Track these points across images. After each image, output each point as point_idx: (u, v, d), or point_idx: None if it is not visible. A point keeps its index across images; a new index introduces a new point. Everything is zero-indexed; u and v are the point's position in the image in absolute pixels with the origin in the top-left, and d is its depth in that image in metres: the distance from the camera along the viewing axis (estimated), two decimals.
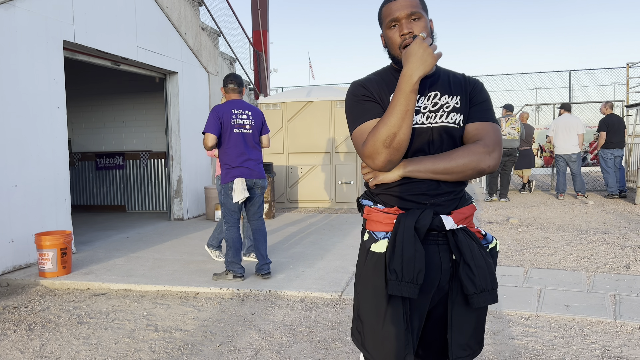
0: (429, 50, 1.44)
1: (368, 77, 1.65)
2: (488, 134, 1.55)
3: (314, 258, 5.35)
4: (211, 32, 9.18)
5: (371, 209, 1.60)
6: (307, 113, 9.21)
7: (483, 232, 1.63)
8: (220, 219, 4.95)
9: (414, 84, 1.43)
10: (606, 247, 5.57)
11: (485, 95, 1.64)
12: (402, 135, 1.45)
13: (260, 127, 4.56)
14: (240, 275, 4.50)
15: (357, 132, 1.56)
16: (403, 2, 1.55)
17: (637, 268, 4.71)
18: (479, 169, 1.51)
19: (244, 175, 4.37)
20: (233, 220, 4.46)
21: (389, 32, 1.59)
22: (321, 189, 9.27)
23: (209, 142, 4.25)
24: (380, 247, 1.56)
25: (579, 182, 9.68)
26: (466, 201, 1.61)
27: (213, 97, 9.14)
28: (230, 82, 4.50)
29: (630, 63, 11.74)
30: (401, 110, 1.44)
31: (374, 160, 1.49)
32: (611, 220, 7.34)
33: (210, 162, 9.09)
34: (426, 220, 1.49)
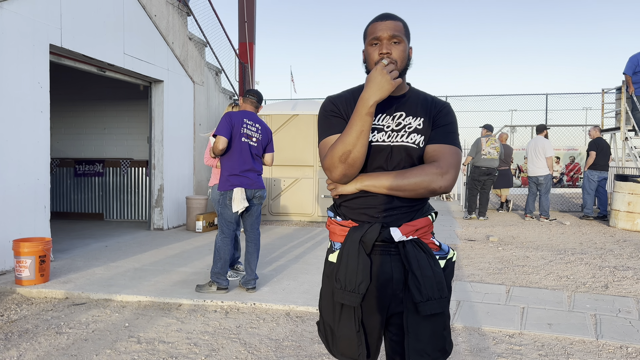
0: (387, 77, 1.56)
1: (341, 93, 1.77)
2: (444, 156, 1.65)
3: (299, 271, 5.33)
4: (198, 42, 9.17)
5: (332, 220, 1.75)
6: (292, 126, 9.23)
7: (438, 243, 1.72)
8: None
9: (369, 107, 1.56)
10: (584, 267, 5.69)
11: (450, 118, 1.73)
12: (356, 153, 1.57)
13: (266, 144, 4.56)
14: (224, 287, 4.44)
15: (321, 145, 1.70)
16: (389, 24, 1.67)
17: (614, 288, 4.81)
18: (431, 188, 1.60)
19: (244, 185, 4.34)
20: (229, 231, 4.42)
21: (370, 49, 1.69)
22: (304, 202, 9.27)
23: (221, 144, 4.23)
24: (334, 258, 1.71)
25: (544, 204, 9.85)
26: (423, 214, 1.69)
27: (198, 106, 9.10)
28: (252, 94, 4.55)
29: (605, 89, 12.09)
30: (357, 130, 1.56)
31: (331, 173, 1.62)
32: (587, 241, 7.49)
33: (193, 173, 9.02)
34: (373, 234, 1.60)
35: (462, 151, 1.81)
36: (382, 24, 1.67)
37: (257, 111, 4.57)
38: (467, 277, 5.21)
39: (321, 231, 8.18)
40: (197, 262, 5.72)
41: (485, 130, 10.04)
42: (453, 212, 11.28)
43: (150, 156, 8.17)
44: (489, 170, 9.77)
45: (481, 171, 9.76)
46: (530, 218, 9.93)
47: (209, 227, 8.08)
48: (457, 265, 5.72)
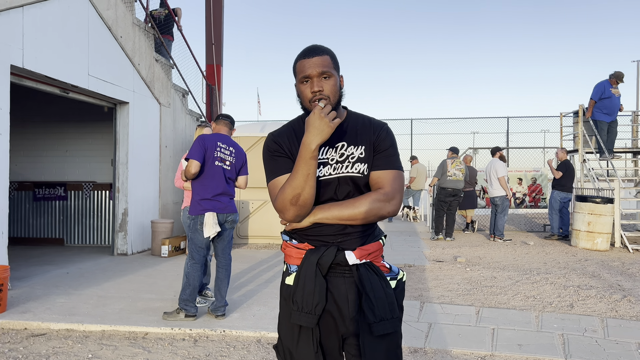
0: (325, 120, 1.61)
1: (281, 130, 1.82)
2: (389, 183, 1.73)
3: (269, 296, 5.24)
4: (165, 64, 9.08)
5: (287, 243, 1.78)
6: (261, 148, 9.19)
7: (388, 266, 1.79)
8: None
9: (312, 152, 1.62)
10: (550, 287, 5.80)
11: (389, 142, 1.79)
12: (305, 195, 1.63)
13: (240, 168, 4.50)
14: (193, 315, 4.32)
15: (270, 186, 1.75)
16: (316, 60, 1.71)
17: (580, 308, 4.92)
18: (380, 215, 1.69)
19: (216, 209, 4.26)
20: (199, 257, 4.32)
21: (302, 87, 1.74)
22: (273, 225, 9.18)
23: (193, 168, 4.15)
24: (291, 280, 1.75)
25: (499, 225, 10.06)
26: (374, 238, 1.77)
27: (164, 129, 8.97)
28: (225, 117, 4.50)
29: (564, 113, 12.56)
30: (303, 174, 1.62)
31: (284, 215, 1.67)
32: (551, 260, 7.67)
33: (159, 196, 8.83)
34: (329, 257, 1.67)
35: (404, 171, 1.86)
36: (309, 61, 1.71)
37: (230, 134, 4.53)
38: (437, 298, 5.23)
39: None
40: (163, 289, 5.56)
41: (451, 153, 10.24)
42: (420, 233, 11.39)
43: (115, 179, 7.97)
44: (454, 192, 9.94)
45: (447, 192, 9.92)
46: (499, 239, 10.10)
47: (175, 251, 7.89)
48: (427, 287, 5.74)
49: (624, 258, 7.95)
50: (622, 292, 5.50)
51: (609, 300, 5.19)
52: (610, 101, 10.13)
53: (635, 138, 12.04)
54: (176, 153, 9.45)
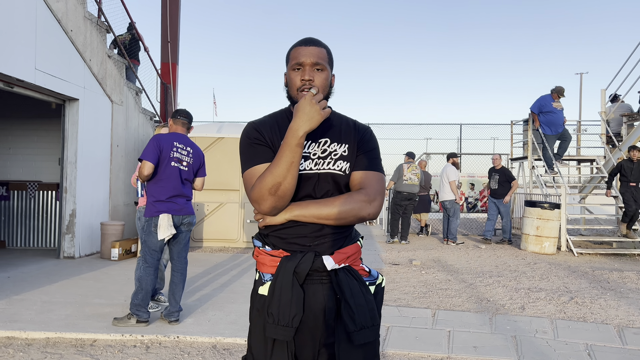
0: (316, 107, 1.54)
1: (263, 119, 1.73)
2: (371, 184, 1.65)
3: (225, 301, 5.12)
4: (118, 60, 8.78)
5: (260, 250, 1.68)
6: (217, 149, 9.02)
7: (367, 269, 1.71)
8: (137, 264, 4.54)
9: (299, 138, 1.53)
10: (502, 289, 5.95)
11: (373, 144, 1.75)
12: (286, 185, 1.53)
13: (197, 169, 4.36)
14: (145, 320, 4.16)
15: (247, 175, 1.64)
16: (312, 49, 1.65)
17: (531, 309, 5.06)
18: (360, 216, 1.60)
19: (171, 211, 4.11)
20: (152, 260, 4.15)
21: (292, 74, 1.67)
22: (229, 227, 9.02)
23: (146, 170, 3.99)
24: (265, 290, 1.62)
25: (451, 228, 10.31)
26: (351, 240, 1.69)
27: (116, 127, 8.65)
28: (182, 115, 4.33)
29: (514, 121, 12.98)
30: (287, 162, 1.52)
31: (260, 205, 1.57)
32: (502, 264, 7.88)
33: (109, 197, 8.51)
34: (306, 264, 1.56)
35: (385, 176, 1.81)
36: (306, 49, 1.65)
37: (188, 133, 4.38)
38: (394, 301, 5.26)
39: (247, 258, 7.98)
40: (113, 293, 5.33)
41: (407, 157, 10.39)
42: (376, 236, 11.48)
43: (62, 179, 7.62)
44: (410, 195, 10.07)
45: (403, 196, 10.05)
46: (452, 243, 10.29)
47: (125, 254, 7.62)
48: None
49: (570, 261, 8.26)
50: (569, 294, 5.70)
51: (558, 302, 5.36)
52: (554, 115, 10.49)
53: (579, 147, 12.59)
54: (128, 153, 9.14)
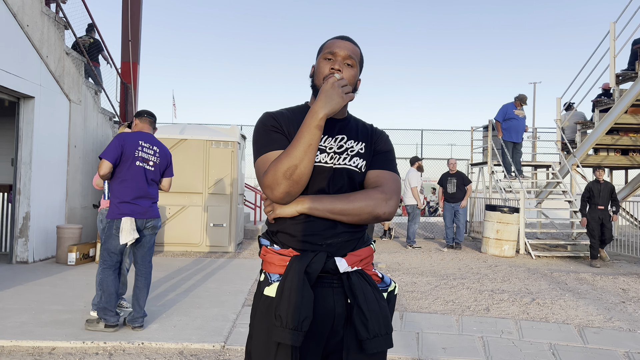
0: (338, 90, 1.49)
1: (280, 110, 1.68)
2: (387, 182, 1.61)
3: (190, 306, 4.98)
4: (76, 58, 8.47)
5: (267, 249, 1.60)
6: (180, 151, 8.83)
7: (380, 275, 1.65)
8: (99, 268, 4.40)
9: (319, 120, 1.47)
10: (466, 291, 6.04)
11: (389, 146, 1.73)
12: (303, 168, 1.46)
13: (164, 168, 4.24)
14: (113, 324, 4.00)
15: (260, 161, 1.57)
16: (348, 45, 1.64)
17: (495, 311, 5.15)
18: (375, 214, 1.54)
19: (135, 214, 3.97)
20: (111, 262, 4.00)
21: (322, 62, 1.63)
22: (191, 231, 8.83)
23: (103, 169, 3.85)
24: (272, 291, 1.53)
25: (409, 232, 10.42)
26: (364, 243, 1.62)
27: (74, 127, 8.34)
28: (148, 114, 4.21)
29: (474, 127, 13.30)
30: (304, 143, 1.46)
31: (273, 191, 1.49)
32: (464, 266, 8.02)
33: (66, 199, 8.18)
34: (318, 264, 1.48)
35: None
36: (342, 42, 1.64)
37: (153, 132, 4.26)
38: None
39: (210, 262, 7.82)
40: (72, 299, 5.11)
41: None
42: None
43: (15, 180, 7.27)
44: None
45: None
46: (409, 246, 10.39)
47: (83, 259, 7.33)
48: None
49: (529, 264, 8.50)
50: (530, 296, 5.84)
51: (520, 303, 5.49)
52: (516, 122, 10.80)
53: (535, 153, 13.01)
54: (86, 154, 8.83)
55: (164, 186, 4.28)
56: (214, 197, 8.99)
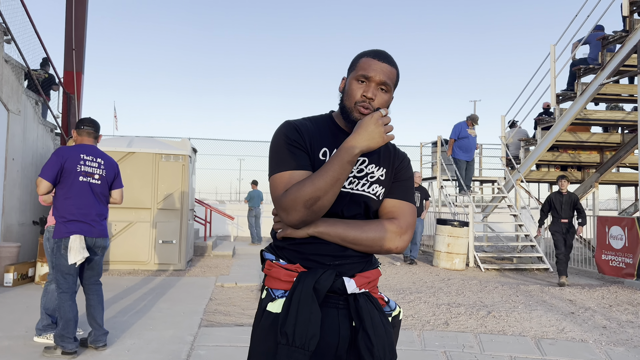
0: (381, 129, 1.43)
1: (303, 121, 1.58)
2: (404, 215, 1.56)
3: (143, 328, 4.72)
4: (16, 66, 7.99)
5: (272, 263, 1.52)
6: (127, 165, 8.47)
7: (386, 299, 1.60)
8: (44, 290, 4.12)
9: (353, 156, 1.41)
10: (424, 305, 6.08)
11: (410, 172, 1.67)
12: (325, 202, 1.41)
13: (112, 180, 4.01)
14: (71, 352, 3.71)
15: (277, 179, 1.47)
16: (385, 67, 1.52)
17: (454, 325, 5.20)
18: (387, 247, 1.51)
19: (84, 232, 3.72)
20: (67, 285, 3.72)
21: (355, 84, 1.53)
22: (139, 248, 8.45)
23: (42, 189, 3.60)
24: (276, 307, 1.46)
25: None
26: (372, 265, 1.57)
27: (12, 139, 7.83)
28: (87, 125, 3.93)
29: (423, 143, 13.61)
30: (333, 177, 1.40)
31: (289, 216, 1.42)
32: (419, 280, 8.10)
33: (1, 215, 7.63)
34: (327, 281, 1.43)
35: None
36: (379, 64, 1.51)
37: (96, 143, 4.00)
38: None
39: (160, 281, 7.50)
40: (11, 324, 4.72)
41: None
42: None
43: None
44: None
45: None
46: None
47: (21, 279, 6.84)
48: None
49: (479, 277, 8.70)
50: (486, 309, 5.95)
51: (477, 316, 5.57)
52: (468, 141, 11.09)
53: (481, 168, 13.46)
54: (25, 167, 8.30)
55: (115, 199, 4.05)
56: (163, 213, 8.67)
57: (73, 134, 4.00)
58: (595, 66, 9.53)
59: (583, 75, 9.86)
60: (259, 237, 13.80)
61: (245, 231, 16.50)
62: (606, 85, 9.39)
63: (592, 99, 9.93)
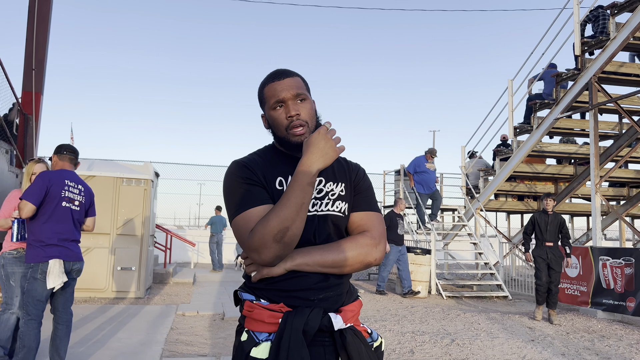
0: (331, 143, 1.42)
1: (250, 157, 1.56)
2: (374, 225, 1.55)
3: (101, 359, 4.53)
4: None
5: (253, 304, 1.44)
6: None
7: (369, 331, 1.58)
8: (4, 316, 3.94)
9: (312, 176, 1.39)
10: (389, 333, 6.08)
11: (368, 182, 1.65)
12: (295, 230, 1.36)
13: (88, 208, 3.99)
14: None
15: (240, 220, 1.42)
16: (288, 82, 1.51)
17: (419, 353, 5.22)
18: (367, 262, 1.48)
19: (63, 256, 3.65)
20: (37, 312, 3.60)
21: (274, 113, 1.52)
22: (96, 275, 8.15)
23: (26, 212, 3.51)
24: (261, 352, 1.38)
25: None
26: (352, 296, 1.55)
27: None
28: (69, 151, 3.90)
29: (386, 170, 13.83)
30: (296, 203, 1.37)
31: (261, 255, 1.37)
32: (383, 308, 8.12)
33: None
34: (315, 321, 1.38)
35: None
36: (281, 83, 1.50)
37: (75, 168, 3.96)
38: None
39: (118, 310, 7.24)
40: None
41: None
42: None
43: None
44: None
45: None
46: None
47: None
48: None
49: (442, 304, 8.79)
50: (449, 337, 6.00)
51: (442, 344, 5.61)
52: (427, 175, 11.19)
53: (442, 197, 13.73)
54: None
55: (89, 226, 4.04)
56: (123, 239, 8.43)
57: (53, 158, 3.96)
58: (550, 101, 10.01)
59: (539, 109, 10.32)
60: (221, 264, 13.59)
61: (206, 258, 16.20)
62: (560, 119, 9.86)
63: (547, 132, 10.38)
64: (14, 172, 9.11)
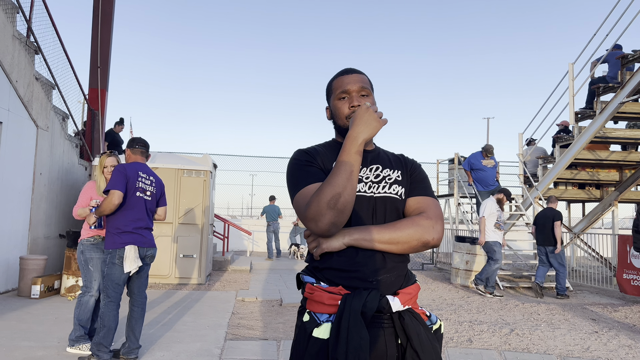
0: (374, 115, 1.50)
1: (312, 147, 1.68)
2: (430, 208, 1.60)
3: (170, 340, 4.80)
4: (45, 83, 8.24)
5: (314, 287, 1.51)
6: None
7: (428, 313, 1.61)
8: (78, 301, 4.28)
9: (358, 145, 1.46)
10: (446, 322, 6.08)
11: (424, 173, 1.73)
12: (347, 196, 1.41)
13: (159, 198, 4.25)
14: None
15: (299, 196, 1.52)
16: (355, 77, 1.64)
17: (478, 342, 5.20)
18: (424, 240, 1.52)
19: (137, 242, 3.92)
20: (116, 295, 3.89)
21: (338, 103, 1.63)
22: (161, 263, 8.56)
23: (117, 199, 3.80)
24: (323, 333, 1.44)
25: (484, 274, 9.91)
26: (410, 280, 1.59)
27: (40, 154, 8.05)
28: (139, 144, 4.18)
29: (440, 160, 13.64)
30: (346, 170, 1.44)
31: (317, 223, 1.42)
32: (438, 297, 8.09)
33: (29, 229, 7.80)
34: (374, 302, 1.43)
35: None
36: (349, 77, 1.64)
37: (146, 160, 4.22)
38: None
39: (182, 295, 7.59)
40: (42, 335, 4.83)
41: None
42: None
43: None
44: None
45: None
46: None
47: (47, 291, 6.97)
48: None
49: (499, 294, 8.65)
50: (508, 327, 5.94)
51: (500, 334, 5.56)
52: (484, 173, 10.91)
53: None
54: (52, 181, 8.50)
55: (160, 215, 4.29)
56: (184, 227, 8.79)
57: (126, 152, 4.24)
58: (615, 85, 9.56)
59: (602, 93, 9.88)
60: (278, 250, 13.84)
61: (260, 246, 16.58)
62: (626, 103, 9.40)
63: (612, 117, 9.92)
64: (83, 165, 9.68)
